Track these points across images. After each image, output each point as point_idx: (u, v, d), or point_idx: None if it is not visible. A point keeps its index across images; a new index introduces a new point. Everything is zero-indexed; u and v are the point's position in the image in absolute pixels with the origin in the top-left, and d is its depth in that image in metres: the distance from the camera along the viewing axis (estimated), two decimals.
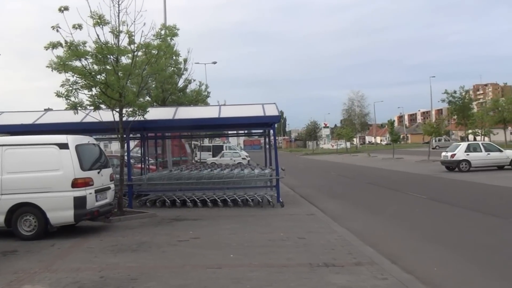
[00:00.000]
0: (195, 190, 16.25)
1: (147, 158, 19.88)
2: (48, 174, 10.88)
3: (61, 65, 12.81)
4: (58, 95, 13.41)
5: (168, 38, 14.01)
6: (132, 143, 29.11)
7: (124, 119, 14.37)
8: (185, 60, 21.93)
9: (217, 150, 48.18)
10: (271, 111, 16.26)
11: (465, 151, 28.28)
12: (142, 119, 14.59)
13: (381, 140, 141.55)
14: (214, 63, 56.61)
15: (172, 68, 19.11)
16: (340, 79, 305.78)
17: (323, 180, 27.79)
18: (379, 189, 21.78)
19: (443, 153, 30.14)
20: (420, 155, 51.48)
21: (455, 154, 28.34)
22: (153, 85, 18.71)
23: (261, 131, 22.43)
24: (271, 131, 16.96)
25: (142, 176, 17.15)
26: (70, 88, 13.00)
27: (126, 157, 15.10)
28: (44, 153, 11.04)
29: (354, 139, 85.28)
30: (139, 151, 27.76)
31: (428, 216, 13.86)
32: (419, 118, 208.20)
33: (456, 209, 15.08)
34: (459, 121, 70.04)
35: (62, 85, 13.03)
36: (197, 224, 12.74)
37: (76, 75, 13.03)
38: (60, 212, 10.82)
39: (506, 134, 62.86)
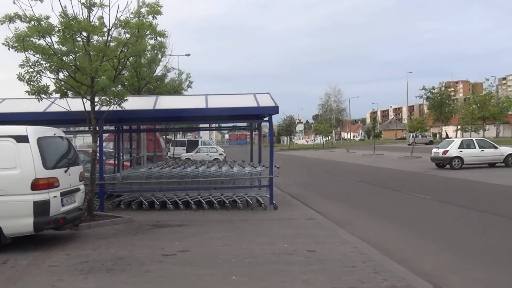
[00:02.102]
0: (177, 190, 14.35)
1: (121, 154, 17.78)
2: (1, 174, 8.85)
3: (20, 42, 10.72)
4: (20, 78, 11.31)
5: (150, 16, 11.99)
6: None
7: (96, 108, 12.36)
8: (162, 45, 19.94)
9: (191, 145, 46.11)
10: (266, 101, 14.45)
11: (459, 148, 27.04)
12: (118, 109, 12.59)
13: (353, 136, 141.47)
14: (188, 55, 54.36)
15: (155, 51, 17.08)
16: (313, 75, 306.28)
17: (308, 178, 26.13)
18: (374, 189, 20.19)
19: (434, 150, 28.86)
20: (400, 151, 50.42)
21: (447, 151, 27.06)
22: (126, 73, 16.56)
23: (245, 124, 20.54)
24: (267, 123, 15.04)
25: (116, 174, 15.11)
26: (31, 70, 10.91)
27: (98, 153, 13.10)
28: None
29: (330, 135, 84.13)
30: (109, 145, 25.67)
31: (447, 222, 12.26)
32: (391, 114, 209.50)
33: (476, 213, 13.50)
34: (436, 118, 69.97)
35: (21, 66, 10.93)
36: (182, 232, 10.88)
37: (38, 55, 10.94)
38: (16, 220, 8.80)
39: (492, 131, 63.26)
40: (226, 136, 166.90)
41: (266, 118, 15.16)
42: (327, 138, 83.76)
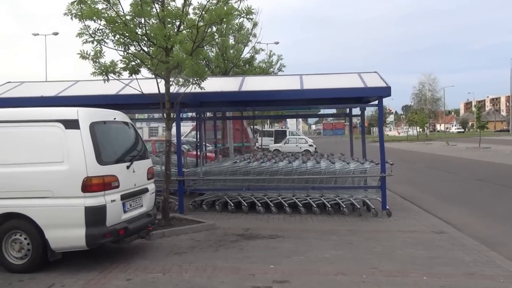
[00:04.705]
0: (267, 189, 11.92)
1: (204, 143, 15.58)
2: (46, 170, 6.80)
3: (88, 12, 8.65)
4: (83, 56, 9.33)
5: None
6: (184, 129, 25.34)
7: (172, 90, 10.19)
8: (255, 24, 17.58)
9: (279, 136, 43.90)
10: (375, 81, 11.65)
11: None
12: (197, 90, 10.34)
13: (447, 128, 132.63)
14: (276, 43, 52.06)
15: (246, 28, 14.69)
16: (401, 65, 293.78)
17: (413, 174, 22.74)
18: (505, 191, 16.48)
19: None
20: (508, 144, 45.06)
21: None
22: (208, 49, 14.24)
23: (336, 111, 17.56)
24: (378, 108, 12.13)
25: (197, 168, 12.92)
26: (91, 39, 8.86)
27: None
28: (42, 136, 6.96)
29: (425, 126, 78.59)
30: (195, 136, 23.85)
31: None
32: (487, 105, 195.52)
33: None
34: None
35: (79, 35, 8.91)
36: (277, 248, 8.41)
37: (102, 22, 8.88)
38: (65, 230, 6.72)
39: None
40: (313, 126, 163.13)
41: (374, 102, 12.36)
42: (421, 130, 78.32)
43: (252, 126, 34.05)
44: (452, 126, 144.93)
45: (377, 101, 11.74)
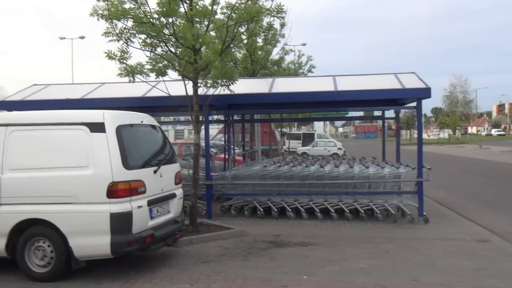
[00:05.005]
0: (298, 194, 11.50)
1: (232, 147, 15.24)
2: (70, 174, 6.53)
3: (115, 12, 8.40)
4: (110, 56, 9.09)
5: None
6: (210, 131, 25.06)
7: (201, 92, 9.88)
8: (283, 24, 17.16)
9: (307, 139, 43.30)
10: (413, 83, 11.14)
11: None
12: (226, 92, 10.01)
13: (478, 131, 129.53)
14: (304, 44, 51.61)
15: (271, 31, 14.26)
16: (432, 66, 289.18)
17: (449, 178, 21.97)
18: None
19: None
20: None
21: None
22: (236, 51, 13.87)
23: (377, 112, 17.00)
24: (417, 110, 11.56)
25: (226, 172, 12.58)
26: (117, 38, 8.61)
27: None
28: (66, 139, 6.70)
29: (457, 128, 76.91)
30: (222, 138, 23.55)
31: None
32: None
33: None
34: None
35: (105, 34, 8.67)
36: (310, 256, 8.00)
37: (130, 21, 8.63)
38: (89, 237, 6.44)
39: None
40: (340, 129, 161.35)
41: (411, 104, 11.84)
42: (452, 133, 76.65)
43: (279, 129, 33.64)
44: (485, 129, 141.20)
45: (414, 103, 11.22)
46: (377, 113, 21.50)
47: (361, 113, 21.99)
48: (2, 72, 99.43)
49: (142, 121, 7.49)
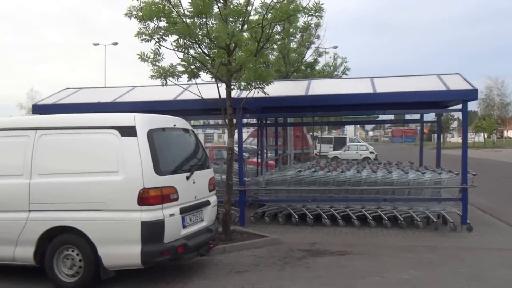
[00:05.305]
0: (335, 201, 11.04)
1: (265, 151, 14.85)
2: (99, 180, 6.26)
3: (149, 11, 8.15)
4: (142, 58, 8.85)
5: None
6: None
7: (233, 94, 9.55)
8: (317, 25, 16.72)
9: (339, 143, 42.67)
10: (458, 84, 10.58)
11: None
12: (260, 95, 9.66)
13: None
14: (335, 47, 51.12)
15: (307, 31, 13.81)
16: (466, 68, 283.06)
17: (490, 184, 20.96)
18: None
19: None
20: None
21: None
22: (270, 52, 13.49)
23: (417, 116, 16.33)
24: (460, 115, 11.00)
25: (259, 177, 12.22)
26: (150, 38, 8.35)
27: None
28: (96, 143, 6.45)
29: (494, 132, 74.81)
30: (253, 142, 23.24)
31: None
32: None
33: None
34: None
35: (138, 34, 8.43)
36: (349, 266, 7.60)
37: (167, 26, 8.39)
38: (119, 246, 6.14)
39: None
40: (370, 133, 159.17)
41: (456, 106, 11.28)
42: (487, 136, 74.54)
43: (311, 133, 33.18)
44: None
45: (459, 105, 10.65)
46: (408, 116, 20.91)
47: (391, 117, 21.37)
48: (39, 78, 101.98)
49: (174, 125, 7.18)
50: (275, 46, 12.61)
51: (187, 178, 6.79)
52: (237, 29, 8.35)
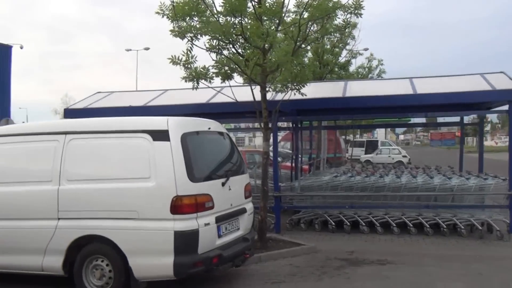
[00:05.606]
0: (373, 207, 10.56)
1: (300, 155, 14.41)
2: (130, 187, 5.96)
3: (182, 9, 7.87)
4: (174, 61, 8.55)
5: None
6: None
7: (269, 97, 9.19)
8: (354, 25, 16.22)
9: (371, 146, 41.90)
10: (503, 83, 10.02)
11: None
12: (297, 97, 9.28)
13: None
14: (366, 49, 50.28)
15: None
16: (494, 68, 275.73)
17: None
18: None
19: None
20: None
21: None
22: (306, 51, 13.07)
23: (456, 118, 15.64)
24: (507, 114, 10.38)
25: (294, 182, 11.79)
26: (180, 36, 8.06)
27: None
28: (127, 148, 6.15)
29: None
30: (285, 145, 22.79)
31: None
32: None
33: None
34: None
35: (171, 32, 8.14)
36: (391, 277, 7.16)
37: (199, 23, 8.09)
38: (150, 257, 5.82)
39: None
40: (401, 136, 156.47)
41: (502, 107, 10.69)
42: None
43: (344, 136, 32.60)
44: None
45: (505, 106, 10.05)
46: (441, 119, 20.13)
47: (423, 120, 20.70)
48: (73, 83, 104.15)
49: (209, 128, 6.84)
50: (309, 48, 12.22)
51: (223, 184, 6.43)
52: (273, 28, 7.97)
